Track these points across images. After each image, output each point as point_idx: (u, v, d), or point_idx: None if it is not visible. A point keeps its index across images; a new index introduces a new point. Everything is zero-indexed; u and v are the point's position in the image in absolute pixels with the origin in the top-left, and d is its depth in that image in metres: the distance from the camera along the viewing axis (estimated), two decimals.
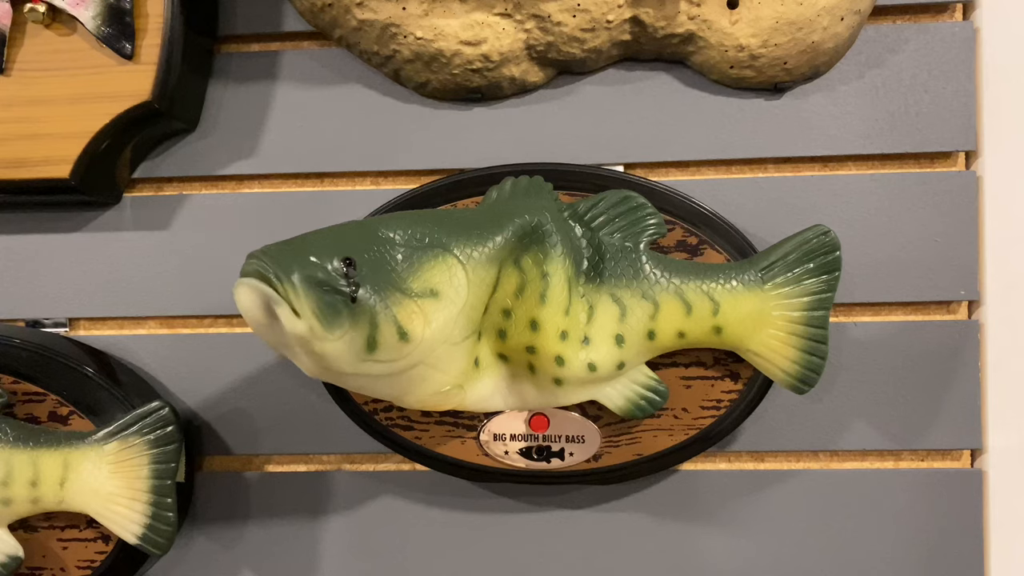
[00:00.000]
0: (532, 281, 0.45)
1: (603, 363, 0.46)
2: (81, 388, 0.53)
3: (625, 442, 0.51)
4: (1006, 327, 0.53)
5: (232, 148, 0.56)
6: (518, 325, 0.45)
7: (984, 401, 0.53)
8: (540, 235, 0.45)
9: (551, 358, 0.45)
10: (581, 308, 0.46)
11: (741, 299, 0.47)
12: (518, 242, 0.44)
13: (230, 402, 0.56)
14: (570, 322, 0.45)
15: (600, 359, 0.46)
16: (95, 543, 0.53)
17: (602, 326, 0.46)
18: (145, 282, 0.56)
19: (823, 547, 0.54)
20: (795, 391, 0.48)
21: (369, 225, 0.43)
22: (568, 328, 0.45)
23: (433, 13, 0.50)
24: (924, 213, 0.53)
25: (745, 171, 0.55)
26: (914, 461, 0.54)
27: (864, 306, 0.54)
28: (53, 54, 0.52)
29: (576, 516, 0.55)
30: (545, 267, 0.45)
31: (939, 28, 0.53)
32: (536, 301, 0.44)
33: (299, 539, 0.57)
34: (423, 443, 0.52)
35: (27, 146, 0.52)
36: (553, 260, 0.45)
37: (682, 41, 0.51)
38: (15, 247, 0.57)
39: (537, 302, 0.44)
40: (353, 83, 0.55)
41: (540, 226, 0.45)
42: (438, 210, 0.49)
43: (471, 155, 0.55)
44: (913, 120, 0.53)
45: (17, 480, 0.49)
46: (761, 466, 0.55)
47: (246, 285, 0.39)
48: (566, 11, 0.50)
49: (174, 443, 0.50)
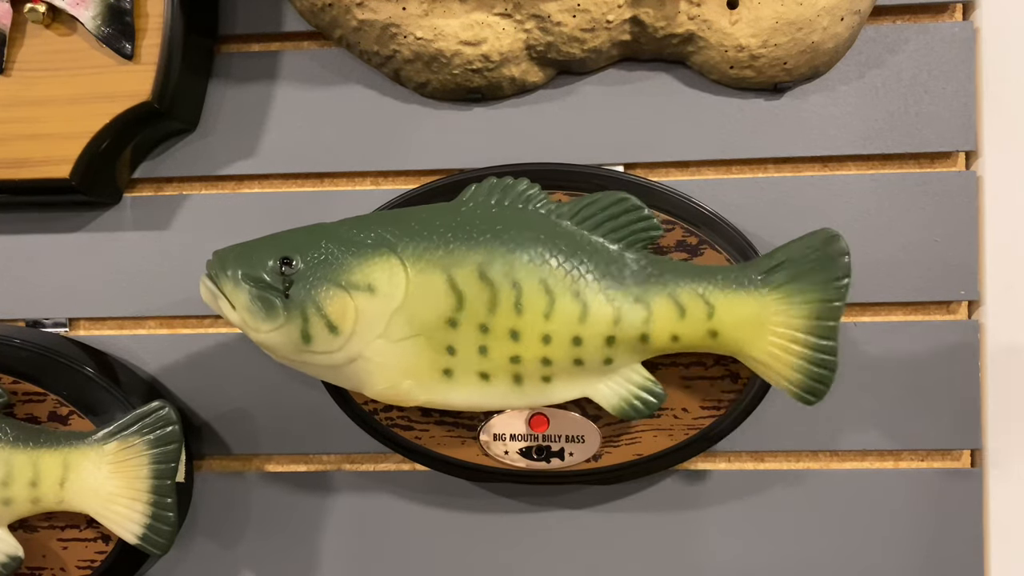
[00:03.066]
0: (503, 292, 0.45)
1: (590, 359, 0.46)
2: (81, 388, 0.53)
3: (625, 442, 0.51)
4: (1006, 327, 0.53)
5: (232, 148, 0.56)
6: (498, 338, 0.45)
7: (984, 401, 0.53)
8: (504, 247, 0.45)
9: (536, 361, 0.45)
10: (571, 309, 0.45)
11: (738, 303, 0.45)
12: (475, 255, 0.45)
13: (230, 402, 0.56)
14: (553, 325, 0.45)
15: (587, 356, 0.46)
16: (95, 543, 0.53)
17: (593, 326, 0.45)
18: (145, 282, 0.56)
19: (823, 547, 0.54)
20: (801, 401, 0.46)
21: (328, 227, 0.47)
22: (551, 331, 0.45)
23: (433, 13, 0.50)
24: (924, 213, 0.53)
25: (745, 171, 0.55)
26: (914, 461, 0.54)
27: (864, 306, 0.54)
28: (53, 54, 0.52)
29: (576, 516, 0.55)
30: (514, 277, 0.45)
31: (939, 28, 0.53)
32: (511, 312, 0.45)
33: (299, 539, 0.57)
34: (423, 443, 0.52)
35: (27, 146, 0.52)
36: (520, 269, 0.45)
37: (682, 41, 0.51)
38: (15, 247, 0.57)
39: (512, 312, 0.45)
40: (353, 83, 0.55)
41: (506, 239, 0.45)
42: (408, 209, 0.49)
43: (471, 155, 0.55)
44: (913, 120, 0.53)
45: (17, 480, 0.49)
46: (761, 466, 0.55)
47: (202, 281, 0.46)
48: (566, 11, 0.50)
49: (174, 443, 0.50)
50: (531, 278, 0.45)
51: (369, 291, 0.45)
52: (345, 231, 0.46)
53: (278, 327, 0.45)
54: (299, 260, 0.45)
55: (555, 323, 0.45)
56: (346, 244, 0.45)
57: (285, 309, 0.44)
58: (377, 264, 0.45)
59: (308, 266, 0.45)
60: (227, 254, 0.46)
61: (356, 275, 0.45)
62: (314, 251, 0.45)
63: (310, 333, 0.44)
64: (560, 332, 0.45)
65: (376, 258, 0.45)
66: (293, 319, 0.44)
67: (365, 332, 0.45)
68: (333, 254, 0.45)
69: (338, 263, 0.45)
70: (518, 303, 0.45)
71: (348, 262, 0.45)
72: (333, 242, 0.45)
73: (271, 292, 0.44)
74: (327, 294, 0.44)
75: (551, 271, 0.45)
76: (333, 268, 0.45)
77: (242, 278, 0.45)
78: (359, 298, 0.45)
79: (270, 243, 0.46)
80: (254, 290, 0.45)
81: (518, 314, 0.45)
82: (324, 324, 0.44)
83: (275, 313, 0.44)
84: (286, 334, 0.45)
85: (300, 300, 0.44)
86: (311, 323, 0.44)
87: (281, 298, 0.44)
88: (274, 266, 0.45)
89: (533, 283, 0.45)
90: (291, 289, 0.44)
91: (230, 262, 0.45)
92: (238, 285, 0.45)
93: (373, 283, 0.45)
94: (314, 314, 0.44)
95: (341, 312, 0.44)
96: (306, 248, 0.45)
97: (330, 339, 0.45)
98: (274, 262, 0.45)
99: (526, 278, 0.45)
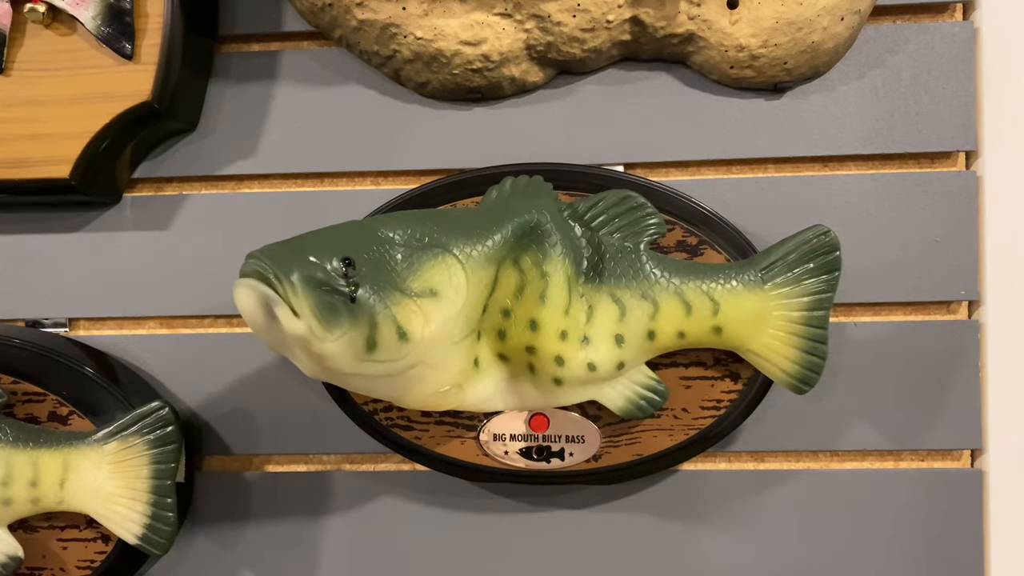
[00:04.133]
0: (531, 281, 0.45)
1: (603, 363, 0.46)
2: (81, 388, 0.53)
3: (625, 442, 0.51)
4: (1006, 327, 0.53)
5: (232, 148, 0.56)
6: (518, 325, 0.45)
7: (984, 401, 0.53)
8: (539, 235, 0.45)
9: (551, 358, 0.45)
10: (581, 308, 0.46)
11: (741, 299, 0.47)
12: (517, 242, 0.44)
13: (230, 402, 0.56)
14: (570, 322, 0.45)
15: (600, 359, 0.46)
16: (95, 543, 0.53)
17: (602, 326, 0.46)
18: (145, 282, 0.56)
19: (823, 547, 0.54)
20: (795, 391, 0.48)
21: (369, 225, 0.43)
22: (568, 328, 0.45)
23: (433, 13, 0.50)
24: (924, 213, 0.53)
25: (745, 171, 0.55)
26: (914, 461, 0.54)
27: (864, 306, 0.54)
28: (53, 54, 0.52)
29: (576, 516, 0.55)
30: (544, 267, 0.45)
31: (939, 28, 0.53)
32: (536, 301, 0.45)
33: (299, 539, 0.57)
34: (423, 443, 0.52)
35: (27, 146, 0.52)
36: (552, 260, 0.45)
37: (682, 41, 0.51)
38: (15, 247, 0.57)
39: (537, 302, 0.45)
40: (353, 83, 0.55)
41: (540, 225, 0.45)
42: (438, 210, 0.49)
43: (471, 155, 0.55)
44: (913, 120, 0.53)
45: (17, 480, 0.49)
46: (761, 466, 0.55)
47: (245, 285, 0.39)
48: (566, 11, 0.50)
49: (174, 443, 0.50)
50: (559, 271, 0.45)
51: (432, 295, 0.42)
52: (391, 231, 0.43)
53: (343, 335, 0.40)
54: (359, 262, 0.41)
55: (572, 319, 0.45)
56: (394, 245, 0.42)
57: (351, 316, 0.40)
58: (436, 266, 0.42)
59: (369, 268, 0.41)
60: (280, 255, 0.40)
61: (419, 278, 0.42)
62: (366, 252, 0.41)
63: (377, 340, 0.40)
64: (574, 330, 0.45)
65: (434, 260, 0.42)
66: (359, 326, 0.40)
67: (434, 337, 0.42)
68: (385, 256, 0.41)
69: (396, 265, 0.41)
70: (544, 294, 0.44)
71: (406, 264, 0.42)
72: (380, 243, 0.42)
73: (338, 297, 0.40)
74: (396, 299, 0.41)
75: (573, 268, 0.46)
76: (394, 271, 0.41)
77: (308, 282, 0.39)
78: (425, 303, 0.42)
79: (321, 243, 0.41)
80: (323, 295, 0.39)
81: (542, 304, 0.45)
82: (394, 331, 0.41)
83: (340, 320, 0.39)
84: (349, 342, 0.40)
85: (369, 306, 0.40)
86: (380, 330, 0.40)
87: (347, 304, 0.40)
88: (338, 268, 0.40)
89: (560, 276, 0.45)
90: (357, 293, 0.40)
91: (291, 264, 0.39)
92: (306, 289, 0.39)
93: (435, 287, 0.42)
94: (384, 320, 0.40)
95: (410, 318, 0.41)
96: (358, 249, 0.41)
97: (398, 346, 0.41)
98: (337, 263, 0.40)
99: (555, 271, 0.45)
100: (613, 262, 0.46)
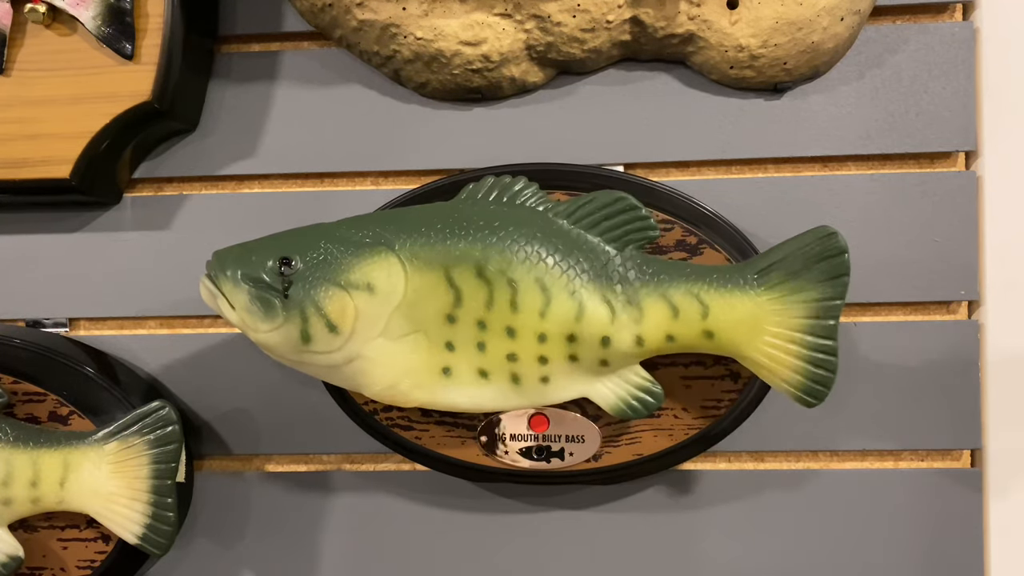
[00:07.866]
0: (499, 290, 0.45)
1: (585, 357, 0.46)
2: (81, 388, 0.53)
3: (625, 442, 0.51)
4: (1006, 327, 0.53)
5: (232, 148, 0.56)
6: (495, 335, 0.45)
7: (984, 401, 0.53)
8: (501, 244, 0.45)
9: (533, 360, 0.45)
10: (566, 308, 0.45)
11: (733, 303, 0.45)
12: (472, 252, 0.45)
13: (230, 402, 0.56)
14: (548, 324, 0.45)
15: (583, 354, 0.46)
16: (95, 543, 0.53)
17: (588, 325, 0.45)
18: (145, 282, 0.56)
19: (823, 547, 0.54)
20: (800, 403, 0.45)
21: (327, 227, 0.47)
22: (546, 330, 0.45)
23: (433, 13, 0.50)
24: (924, 213, 0.53)
25: (745, 171, 0.55)
26: (914, 461, 0.54)
27: (864, 306, 0.54)
28: (53, 54, 0.52)
29: (576, 516, 0.55)
30: (509, 275, 0.45)
31: (939, 28, 0.53)
32: (507, 309, 0.45)
33: (299, 539, 0.57)
34: (423, 443, 0.52)
35: (27, 146, 0.52)
36: (516, 267, 0.45)
37: (682, 41, 0.51)
38: (15, 247, 0.57)
39: (508, 310, 0.45)
40: (353, 83, 0.55)
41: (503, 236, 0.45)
42: (406, 208, 0.50)
43: (471, 155, 0.55)
44: (913, 120, 0.53)
45: (17, 480, 0.49)
46: (761, 466, 0.55)
47: (201, 281, 0.46)
48: (566, 11, 0.50)
49: (174, 443, 0.50)
50: (527, 276, 0.45)
51: (368, 290, 0.45)
52: (343, 231, 0.46)
53: (277, 327, 0.45)
54: (298, 260, 0.45)
55: (550, 322, 0.45)
56: (344, 243, 0.45)
57: (284, 309, 0.45)
58: (376, 263, 0.45)
59: (307, 266, 0.45)
60: (226, 254, 0.46)
61: (355, 274, 0.45)
62: (313, 251, 0.45)
63: (309, 333, 0.45)
64: (555, 331, 0.45)
65: (375, 257, 0.45)
66: (292, 319, 0.45)
67: (365, 331, 0.45)
68: (332, 254, 0.45)
69: (337, 262, 0.45)
70: (514, 301, 0.45)
71: (347, 261, 0.45)
72: (332, 242, 0.45)
73: (270, 292, 0.45)
74: (326, 294, 0.44)
75: (547, 270, 0.45)
76: (332, 268, 0.45)
77: (241, 278, 0.45)
78: (358, 297, 0.45)
79: (269, 243, 0.46)
80: (253, 290, 0.45)
81: (514, 312, 0.45)
82: (324, 324, 0.44)
83: (274, 313, 0.45)
84: (285, 334, 0.45)
85: (299, 300, 0.44)
86: (310, 323, 0.44)
87: (280, 298, 0.45)
88: (273, 266, 0.45)
89: (529, 281, 0.45)
90: (290, 289, 0.45)
91: (229, 262, 0.46)
92: (237, 285, 0.45)
93: (372, 282, 0.45)
94: (313, 314, 0.44)
95: (340, 311, 0.45)
96: (305, 248, 0.45)
97: (330, 338, 0.45)
98: (273, 262, 0.45)
99: (523, 276, 0.45)
100: (600, 263, 0.46)
